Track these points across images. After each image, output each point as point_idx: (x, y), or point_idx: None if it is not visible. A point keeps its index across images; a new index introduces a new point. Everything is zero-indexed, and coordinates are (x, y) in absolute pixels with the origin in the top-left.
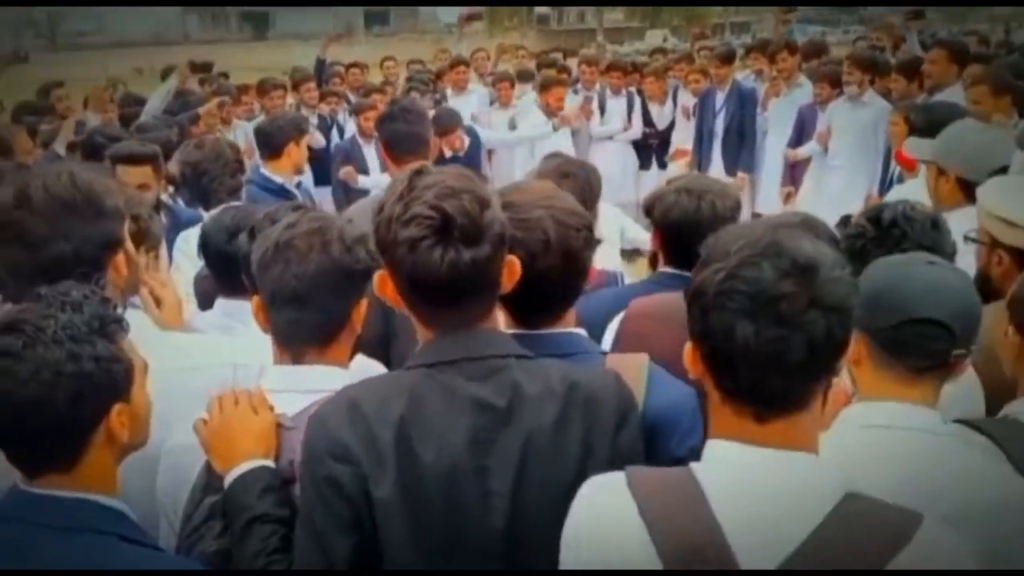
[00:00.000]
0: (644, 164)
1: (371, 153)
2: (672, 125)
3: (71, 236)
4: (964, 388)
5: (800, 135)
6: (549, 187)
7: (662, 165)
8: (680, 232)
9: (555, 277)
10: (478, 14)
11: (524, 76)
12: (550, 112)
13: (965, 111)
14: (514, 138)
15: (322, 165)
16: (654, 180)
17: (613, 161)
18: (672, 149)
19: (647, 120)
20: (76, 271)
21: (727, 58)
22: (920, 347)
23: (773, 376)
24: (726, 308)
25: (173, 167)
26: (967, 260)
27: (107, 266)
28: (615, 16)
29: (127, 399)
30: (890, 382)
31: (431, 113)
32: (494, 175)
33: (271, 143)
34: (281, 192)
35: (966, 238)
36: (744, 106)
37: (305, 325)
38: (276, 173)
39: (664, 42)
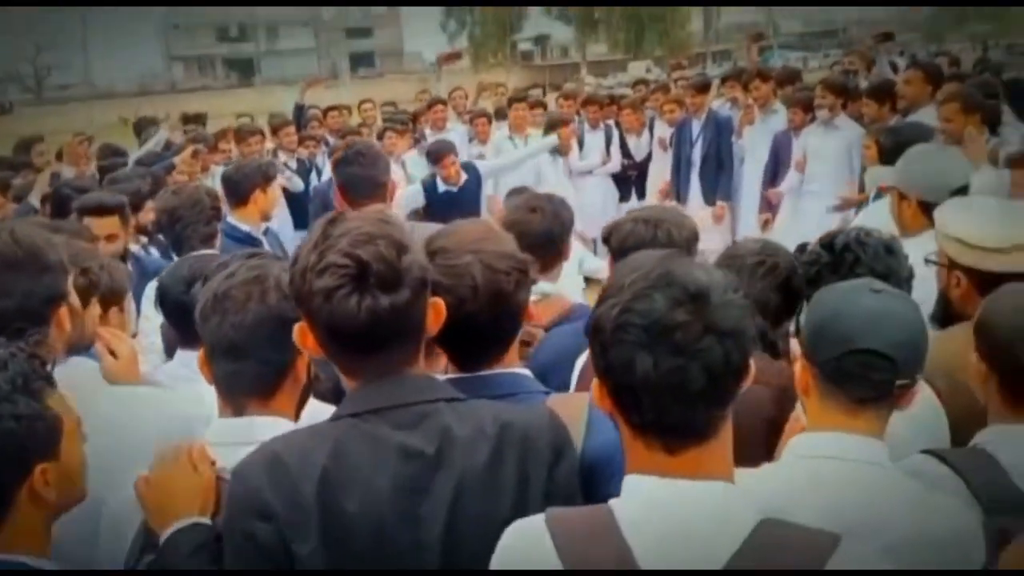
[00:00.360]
0: (624, 196)
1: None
2: (650, 156)
3: (13, 292)
4: (926, 417)
5: (776, 162)
6: (482, 229)
7: (641, 195)
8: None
9: (486, 321)
10: (457, 53)
11: (501, 113)
12: (562, 151)
13: (931, 131)
14: (518, 158)
15: (301, 208)
16: None
17: (594, 194)
18: (650, 181)
19: (625, 152)
20: (13, 327)
21: (702, 87)
22: (863, 378)
23: (675, 407)
24: (624, 342)
25: (147, 216)
26: (930, 283)
27: (51, 321)
28: (598, 49)
29: (54, 457)
30: (835, 412)
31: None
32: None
33: (237, 191)
34: (247, 240)
35: (927, 260)
36: (720, 134)
37: (245, 376)
38: (243, 221)
39: (647, 73)
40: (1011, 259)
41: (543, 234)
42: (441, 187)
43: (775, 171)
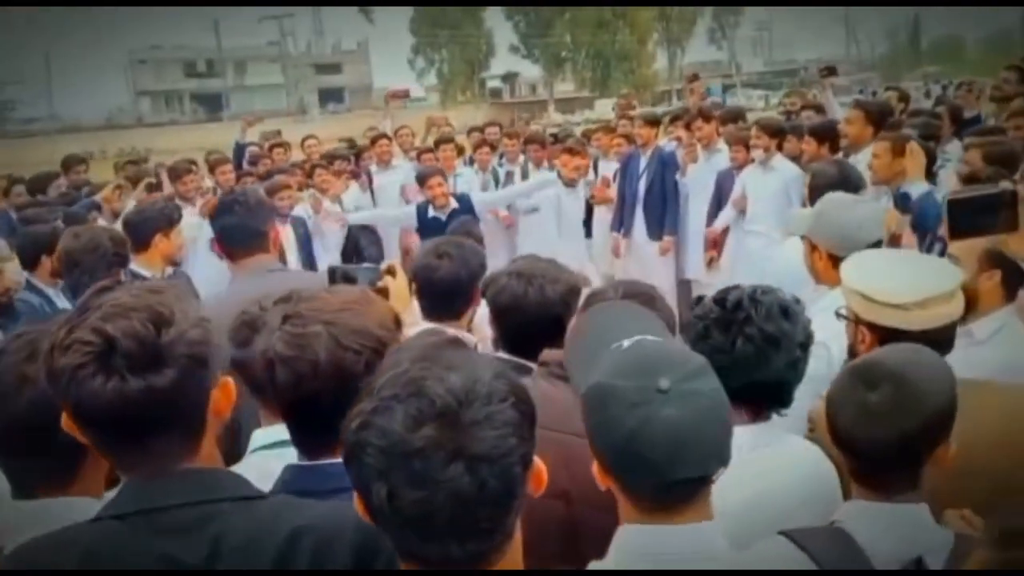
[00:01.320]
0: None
1: (287, 232)
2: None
3: None
4: (817, 478)
5: (719, 199)
6: (352, 299)
7: (588, 234)
8: (507, 316)
9: (328, 403)
10: (405, 91)
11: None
12: (569, 180)
13: (848, 173)
14: (516, 192)
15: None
16: (582, 249)
17: (541, 233)
18: (596, 219)
19: None
20: None
21: (652, 121)
22: (681, 495)
23: (433, 541)
24: (363, 464)
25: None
26: (842, 340)
27: None
28: (566, 88)
29: None
30: (652, 512)
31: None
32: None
33: (138, 235)
34: None
35: (837, 314)
36: (665, 169)
37: (37, 471)
38: (144, 267)
39: (612, 110)
40: (911, 316)
41: (451, 280)
42: (430, 212)
43: (718, 208)
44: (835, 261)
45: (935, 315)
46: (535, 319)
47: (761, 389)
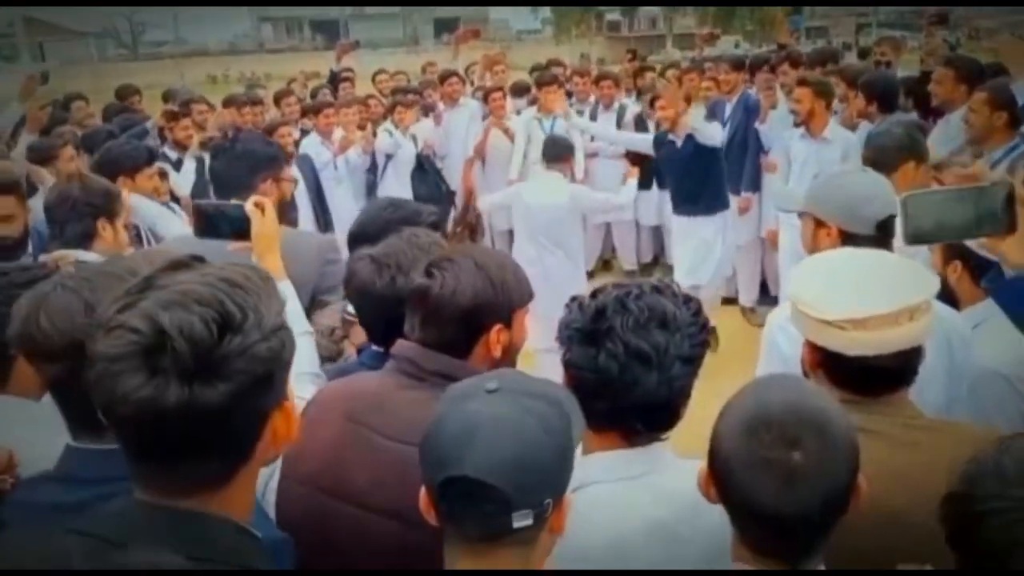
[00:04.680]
0: (644, 183)
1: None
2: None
3: None
4: (700, 515)
5: None
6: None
7: (662, 185)
8: (357, 302)
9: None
10: (475, 31)
11: (517, 90)
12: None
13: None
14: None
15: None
16: (654, 200)
17: (604, 178)
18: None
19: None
20: None
21: (737, 65)
22: (471, 511)
23: None
24: None
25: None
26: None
27: None
28: (686, 23)
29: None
30: (470, 560)
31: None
32: (489, 178)
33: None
34: None
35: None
36: (749, 118)
37: None
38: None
39: (736, 48)
40: (850, 338)
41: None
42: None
43: None
44: (846, 239)
45: (882, 339)
46: (383, 309)
47: (631, 412)
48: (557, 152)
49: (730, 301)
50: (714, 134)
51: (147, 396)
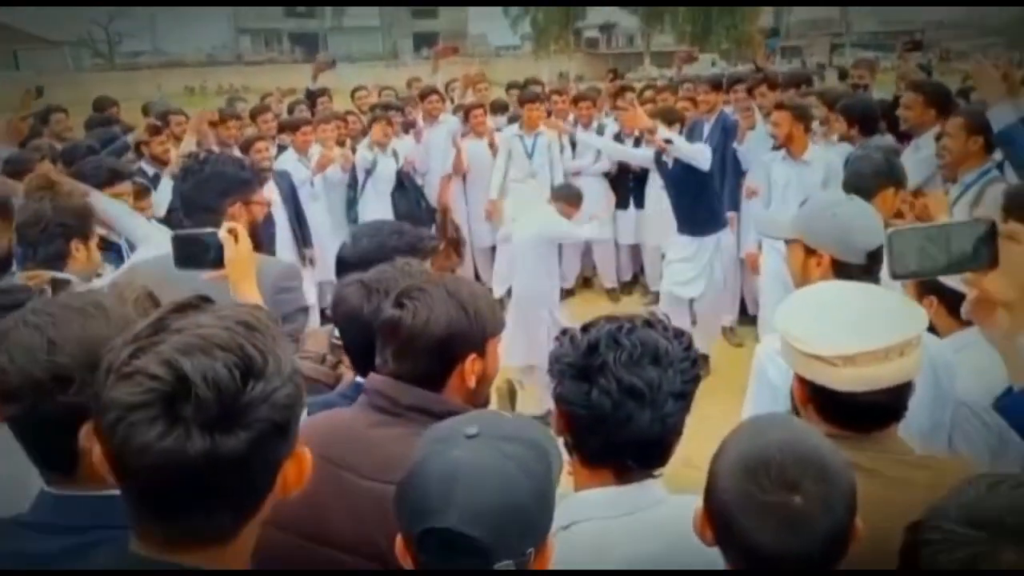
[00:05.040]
0: (621, 203)
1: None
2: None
3: None
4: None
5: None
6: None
7: (640, 205)
8: (343, 327)
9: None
10: (454, 47)
11: (495, 107)
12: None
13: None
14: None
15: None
16: (632, 220)
17: (588, 198)
18: (649, 188)
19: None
20: None
21: (716, 85)
22: (447, 563)
23: None
24: None
25: None
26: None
27: None
28: (664, 40)
29: None
30: None
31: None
32: (469, 195)
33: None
34: None
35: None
36: (727, 139)
37: None
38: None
39: (713, 66)
40: (840, 374)
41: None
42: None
43: None
44: (837, 268)
45: (873, 375)
46: (369, 335)
47: (624, 449)
48: (567, 196)
49: None
50: (696, 155)
51: (168, 447)
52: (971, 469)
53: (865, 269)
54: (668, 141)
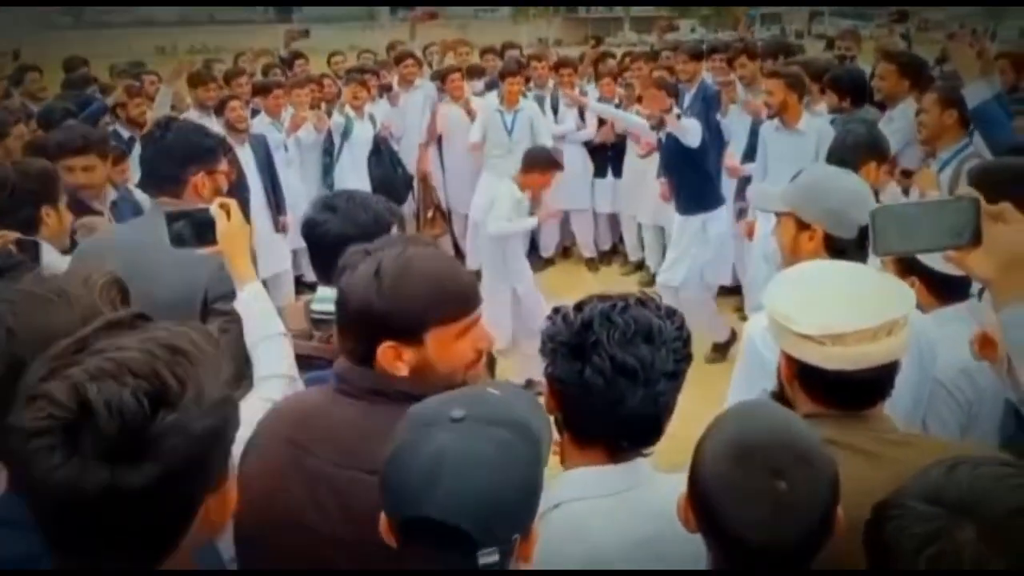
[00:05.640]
0: (600, 172)
1: (246, 153)
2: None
3: None
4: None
5: (753, 148)
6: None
7: (617, 174)
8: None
9: None
10: (432, 13)
11: (472, 72)
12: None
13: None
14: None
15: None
16: (609, 189)
17: (567, 165)
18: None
19: (601, 121)
20: None
21: (695, 54)
22: (430, 550)
23: None
24: None
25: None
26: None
27: None
28: (644, 5)
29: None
30: None
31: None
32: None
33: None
34: None
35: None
36: (708, 109)
37: None
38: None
39: (692, 32)
40: (828, 353)
41: (335, 237)
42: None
43: (752, 158)
44: (830, 244)
45: (860, 354)
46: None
47: (616, 428)
48: (537, 162)
49: None
50: (689, 132)
51: (64, 478)
52: (951, 450)
53: (857, 244)
54: (678, 116)
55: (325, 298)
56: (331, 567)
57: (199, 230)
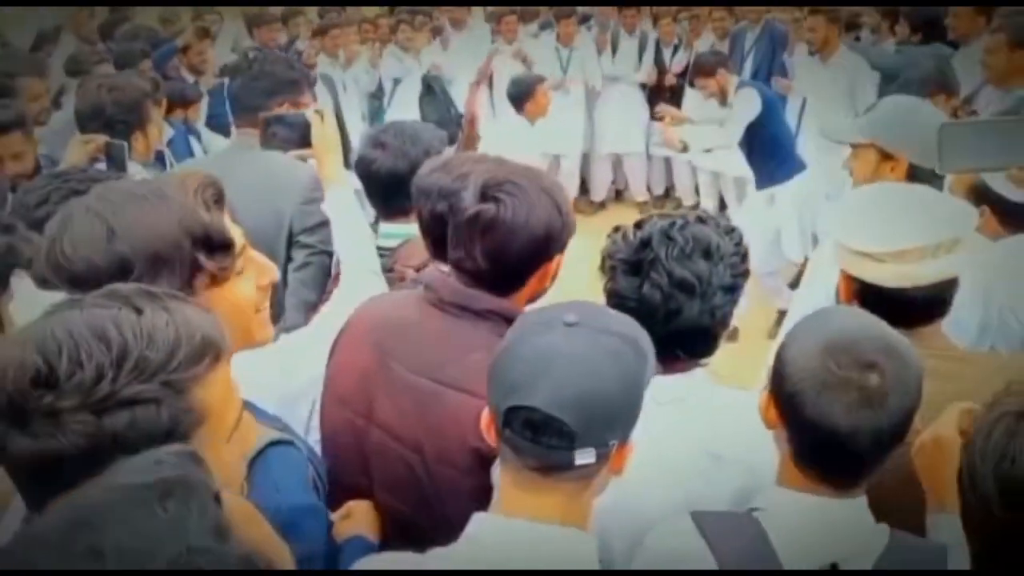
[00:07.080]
0: (657, 115)
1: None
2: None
3: None
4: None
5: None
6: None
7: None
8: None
9: None
10: None
11: (529, 16)
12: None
13: (946, 69)
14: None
15: None
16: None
17: (619, 107)
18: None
19: (660, 64)
20: None
21: None
22: (532, 443)
23: None
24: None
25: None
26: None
27: None
28: None
29: None
30: (519, 485)
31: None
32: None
33: None
34: None
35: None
36: (775, 50)
37: None
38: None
39: None
40: (886, 270)
41: (388, 174)
42: None
43: None
44: (911, 173)
45: (919, 271)
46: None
47: (672, 340)
48: (521, 94)
49: None
50: (745, 108)
51: None
52: (1013, 366)
53: (937, 174)
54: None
55: (389, 234)
56: (411, 474)
57: (295, 131)
